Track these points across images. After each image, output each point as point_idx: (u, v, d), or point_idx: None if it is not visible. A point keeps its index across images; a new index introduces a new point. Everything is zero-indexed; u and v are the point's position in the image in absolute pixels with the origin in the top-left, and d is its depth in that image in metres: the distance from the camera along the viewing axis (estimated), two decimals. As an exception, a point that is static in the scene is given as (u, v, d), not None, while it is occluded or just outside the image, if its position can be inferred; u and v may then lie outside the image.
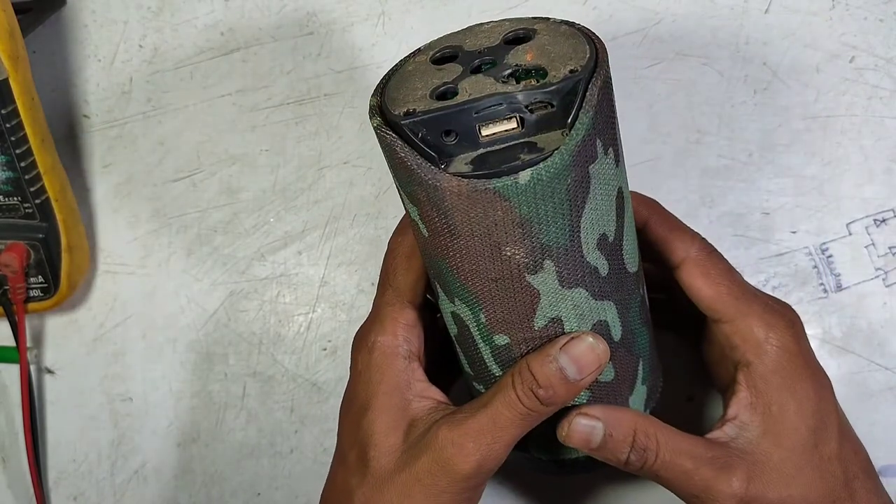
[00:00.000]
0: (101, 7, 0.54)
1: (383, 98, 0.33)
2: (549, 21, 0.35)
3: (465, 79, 0.33)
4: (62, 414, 0.53)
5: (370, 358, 0.37)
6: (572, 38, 0.33)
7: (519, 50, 0.33)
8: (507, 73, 0.32)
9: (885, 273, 0.49)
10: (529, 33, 0.34)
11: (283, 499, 0.52)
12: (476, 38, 0.35)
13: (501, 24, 0.36)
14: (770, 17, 0.50)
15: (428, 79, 0.33)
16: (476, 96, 0.32)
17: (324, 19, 0.53)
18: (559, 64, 0.32)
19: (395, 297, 0.38)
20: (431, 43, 0.36)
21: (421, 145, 0.32)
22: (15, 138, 0.46)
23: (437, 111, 0.31)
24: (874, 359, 0.48)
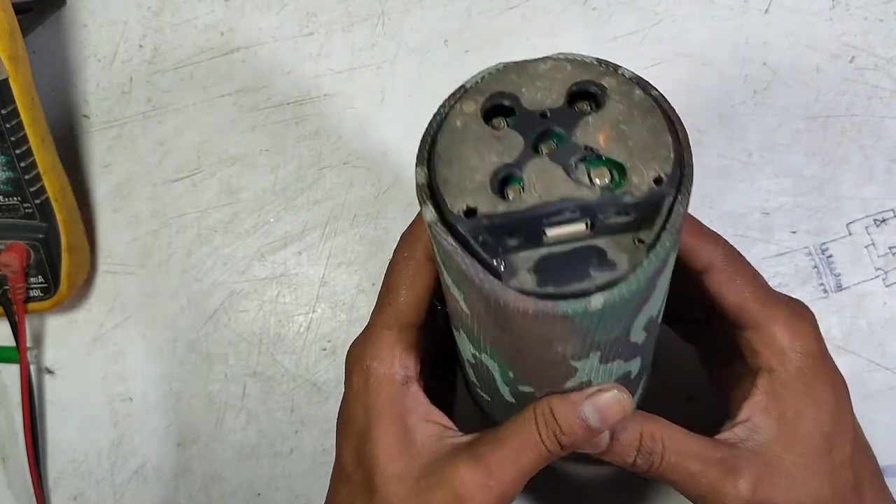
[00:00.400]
0: (101, 7, 0.54)
1: (433, 174, 0.30)
2: (619, 75, 0.31)
3: (528, 160, 0.29)
4: (62, 414, 0.53)
5: (367, 384, 0.36)
6: (649, 114, 0.30)
7: (589, 124, 0.30)
8: (577, 160, 0.29)
9: (885, 273, 0.49)
10: (597, 91, 0.31)
11: (283, 499, 0.52)
12: (533, 84, 0.31)
13: (561, 65, 0.31)
14: (770, 17, 0.50)
15: (484, 152, 0.30)
16: (547, 200, 0.28)
17: (324, 19, 0.53)
18: (640, 162, 0.29)
19: (394, 318, 0.36)
20: (480, 84, 0.32)
21: (481, 253, 0.29)
22: (15, 138, 0.46)
23: (504, 216, 0.28)
24: (874, 359, 0.48)
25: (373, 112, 0.52)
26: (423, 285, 0.36)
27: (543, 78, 0.31)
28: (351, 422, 0.37)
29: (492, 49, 0.52)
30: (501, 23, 0.52)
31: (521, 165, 0.29)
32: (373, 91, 0.52)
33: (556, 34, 0.52)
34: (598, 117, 0.30)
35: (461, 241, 0.29)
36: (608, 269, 0.29)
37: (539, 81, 0.31)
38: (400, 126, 0.52)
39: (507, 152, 0.29)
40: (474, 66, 0.52)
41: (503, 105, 0.31)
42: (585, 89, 0.31)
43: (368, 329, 0.37)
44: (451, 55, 0.52)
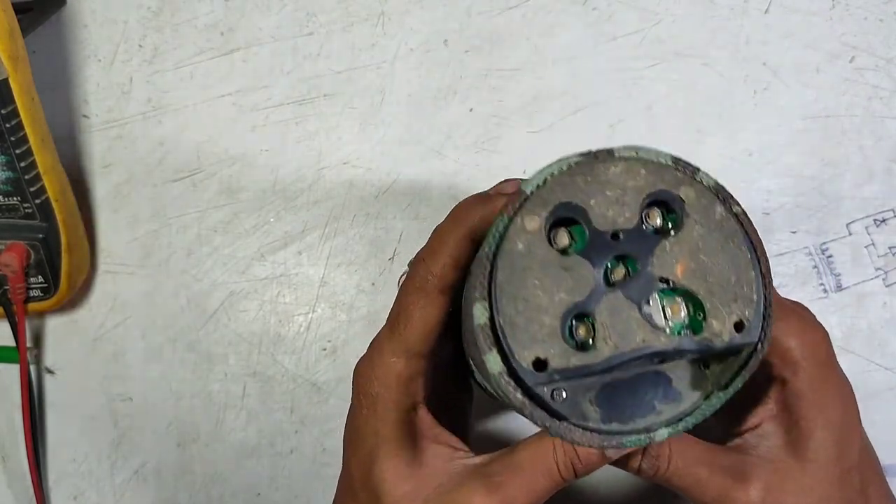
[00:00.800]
0: (101, 7, 0.54)
1: (496, 312, 0.27)
2: (697, 182, 0.28)
3: (601, 298, 0.27)
4: (62, 414, 0.53)
5: (375, 409, 0.36)
6: (731, 240, 0.28)
7: (666, 251, 0.27)
8: (652, 297, 0.27)
9: (885, 273, 0.49)
10: (674, 204, 0.28)
11: (283, 499, 0.52)
12: (603, 193, 0.28)
13: (634, 168, 0.28)
14: (770, 17, 0.50)
15: (552, 287, 0.27)
16: (624, 350, 0.27)
17: (324, 19, 0.53)
18: (720, 303, 0.27)
19: (403, 347, 0.35)
20: (542, 189, 0.28)
21: (551, 405, 0.27)
22: (15, 138, 0.46)
23: (578, 371, 0.26)
24: (874, 359, 0.48)
25: (373, 112, 0.52)
26: (434, 317, 0.35)
27: (614, 186, 0.28)
28: (360, 441, 0.37)
29: (492, 49, 0.52)
30: (501, 23, 0.52)
31: (594, 304, 0.27)
32: (373, 91, 0.52)
33: (556, 34, 0.52)
34: (676, 243, 0.27)
35: (529, 394, 0.27)
36: (674, 401, 0.28)
37: (609, 190, 0.28)
38: (400, 126, 0.52)
39: (577, 288, 0.27)
40: (474, 66, 0.52)
41: (568, 219, 0.28)
42: (661, 199, 0.28)
43: (377, 353, 0.36)
44: (451, 55, 0.52)
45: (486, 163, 0.52)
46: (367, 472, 0.36)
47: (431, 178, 0.52)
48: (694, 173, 0.28)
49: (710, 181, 0.28)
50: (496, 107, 0.52)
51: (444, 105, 0.52)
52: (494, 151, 0.52)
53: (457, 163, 0.52)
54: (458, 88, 0.52)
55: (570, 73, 0.51)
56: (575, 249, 0.28)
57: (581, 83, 0.51)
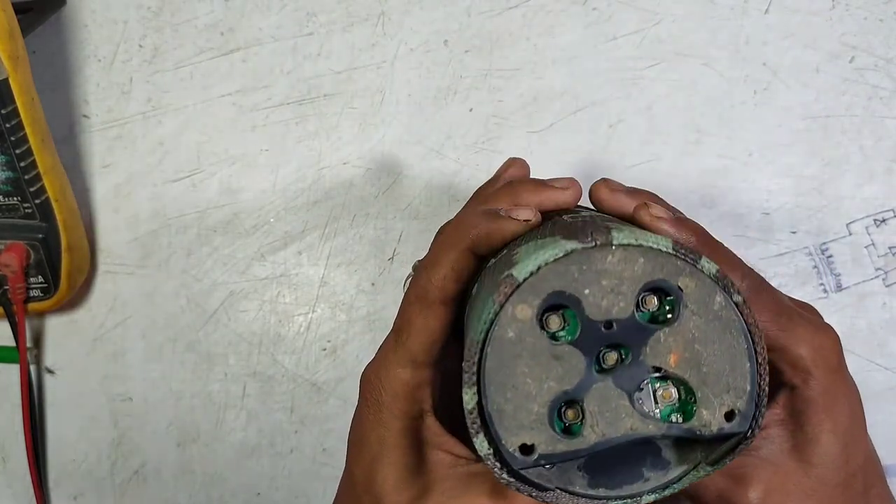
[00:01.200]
0: (101, 7, 0.54)
1: (484, 399, 0.27)
2: (698, 272, 0.27)
3: (591, 386, 0.27)
4: (62, 414, 0.53)
5: (380, 416, 0.36)
6: (728, 331, 0.27)
7: (660, 341, 0.27)
8: (642, 384, 0.27)
9: (885, 273, 0.49)
10: (672, 291, 0.27)
11: (283, 499, 0.52)
12: (598, 283, 0.27)
13: (632, 257, 0.27)
14: (770, 17, 0.50)
15: (541, 375, 0.27)
16: (612, 437, 0.27)
17: (324, 19, 0.53)
18: (711, 394, 0.27)
19: (407, 357, 0.35)
20: (535, 277, 0.27)
21: (538, 483, 0.27)
22: (15, 138, 0.46)
23: (563, 456, 0.27)
24: (874, 359, 0.48)
25: (373, 112, 0.52)
26: (436, 328, 0.35)
27: (610, 275, 0.27)
28: (365, 446, 0.37)
29: (492, 49, 0.52)
30: (501, 23, 0.52)
31: (583, 392, 0.27)
32: (373, 91, 0.52)
33: (556, 34, 0.52)
34: (671, 333, 0.27)
35: (515, 475, 0.27)
36: (661, 469, 0.28)
37: (605, 280, 0.27)
38: (400, 126, 0.52)
39: (566, 377, 0.27)
40: (474, 66, 0.52)
41: (559, 305, 0.27)
42: (659, 286, 0.27)
43: (383, 361, 0.36)
44: (451, 55, 0.52)
45: (486, 163, 0.52)
46: (371, 477, 0.36)
47: (431, 178, 0.52)
48: (695, 261, 0.27)
49: (711, 268, 0.28)
50: (496, 107, 0.52)
51: (444, 105, 0.52)
52: (494, 151, 0.52)
53: (457, 163, 0.52)
54: (458, 88, 0.52)
55: (570, 73, 0.51)
56: (567, 335, 0.27)
57: (581, 83, 0.51)
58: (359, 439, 0.38)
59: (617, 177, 0.51)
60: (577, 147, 0.51)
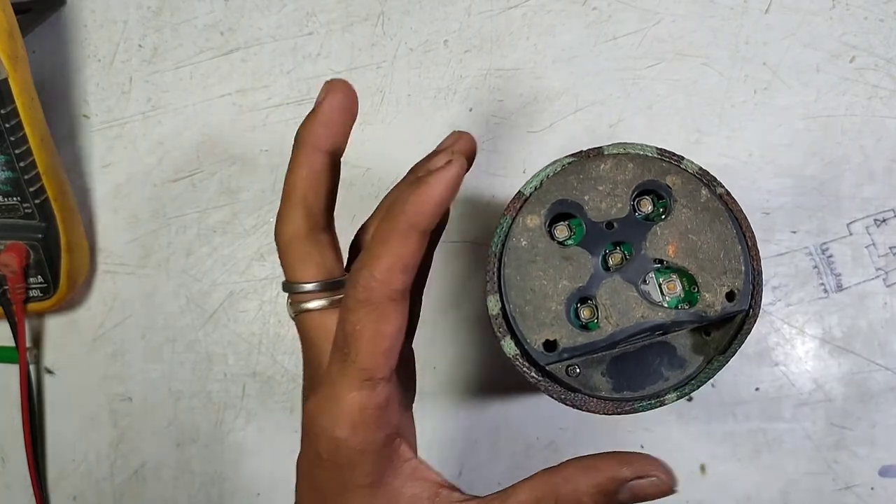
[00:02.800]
0: (100, 7, 0.54)
1: (507, 303, 0.29)
2: (682, 170, 0.30)
3: (601, 282, 0.29)
4: (62, 414, 0.53)
5: (337, 457, 0.30)
6: (717, 219, 0.30)
7: (657, 235, 0.30)
8: (648, 276, 0.29)
9: (886, 273, 0.49)
10: (662, 191, 0.30)
11: (283, 499, 0.52)
12: (595, 189, 0.30)
13: (622, 163, 0.30)
14: (770, 17, 0.50)
15: (555, 275, 0.29)
16: (625, 326, 0.29)
17: (324, 19, 0.53)
18: (711, 277, 0.29)
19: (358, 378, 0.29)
20: (539, 190, 0.30)
21: (565, 380, 0.30)
22: (14, 138, 0.46)
23: (584, 348, 0.29)
24: (875, 359, 0.48)
25: (373, 112, 0.52)
26: (390, 332, 0.29)
27: (605, 181, 0.30)
28: (320, 491, 0.31)
29: (492, 49, 0.52)
30: (501, 22, 0.52)
31: (594, 287, 0.29)
32: (373, 91, 0.52)
33: (556, 34, 0.52)
34: (666, 226, 0.30)
35: (543, 372, 0.29)
36: (679, 367, 0.30)
37: (601, 185, 0.30)
38: (400, 126, 0.52)
39: (578, 274, 0.29)
40: (474, 65, 0.52)
41: (565, 214, 0.30)
42: (649, 189, 0.30)
43: (329, 390, 0.30)
44: (451, 55, 0.52)
45: (486, 163, 0.52)
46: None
47: (431, 178, 0.52)
48: (679, 161, 0.31)
49: (693, 167, 0.31)
50: (496, 107, 0.52)
51: (444, 105, 0.52)
52: (494, 151, 0.51)
53: (457, 163, 0.52)
54: (458, 88, 0.52)
55: (570, 73, 0.51)
56: (574, 241, 0.30)
57: (581, 83, 0.51)
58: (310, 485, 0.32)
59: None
60: (576, 147, 0.51)
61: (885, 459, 0.47)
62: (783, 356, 0.48)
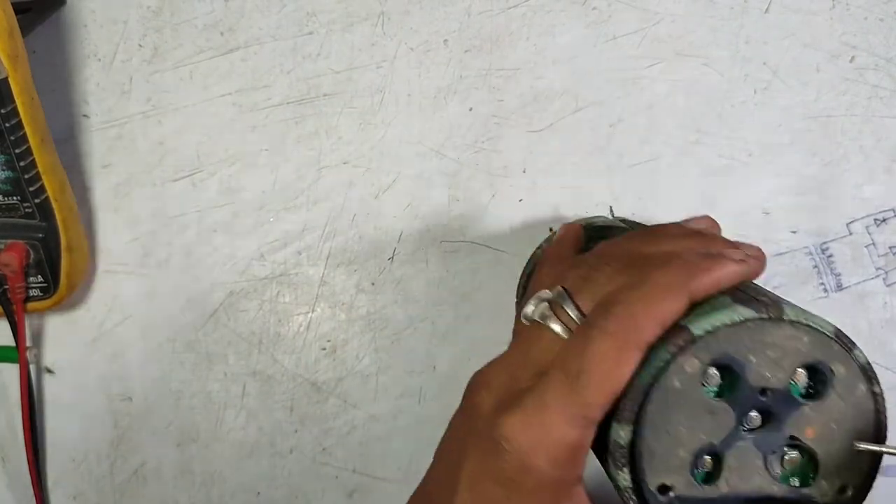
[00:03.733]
0: (100, 7, 0.54)
1: (638, 437, 0.28)
2: (851, 359, 0.30)
3: (734, 443, 0.29)
4: (62, 414, 0.53)
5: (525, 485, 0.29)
6: (863, 420, 0.30)
7: (803, 414, 0.29)
8: (777, 452, 0.29)
9: (886, 273, 0.49)
10: (826, 374, 0.30)
11: (283, 499, 0.52)
12: (763, 353, 0.29)
13: (799, 337, 0.30)
14: (770, 17, 0.50)
15: (694, 425, 0.29)
16: (741, 491, 0.29)
17: (324, 19, 0.53)
18: (833, 468, 0.29)
19: (581, 412, 0.28)
20: (710, 336, 0.29)
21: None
22: (14, 138, 0.46)
23: (696, 500, 0.29)
24: (875, 359, 0.48)
25: (373, 112, 0.52)
26: (626, 379, 0.29)
27: (776, 348, 0.29)
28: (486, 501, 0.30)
29: (492, 49, 0.52)
30: (501, 22, 0.52)
31: (726, 447, 0.29)
32: (373, 91, 0.52)
33: (556, 34, 0.52)
34: (815, 410, 0.29)
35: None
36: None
37: (770, 351, 0.29)
38: (400, 126, 0.52)
39: (716, 431, 0.29)
40: (474, 65, 0.52)
41: (726, 365, 0.29)
42: (816, 367, 0.30)
43: (544, 413, 0.29)
44: (451, 55, 0.52)
45: (486, 163, 0.52)
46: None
47: (431, 178, 0.52)
48: (850, 349, 0.30)
49: (862, 359, 0.30)
50: (496, 107, 0.52)
51: (444, 105, 0.52)
52: (494, 151, 0.51)
53: (457, 163, 0.52)
54: (458, 88, 0.52)
55: (570, 73, 0.51)
56: (724, 393, 0.29)
57: (581, 83, 0.51)
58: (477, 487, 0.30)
59: (617, 177, 0.51)
60: (577, 147, 0.51)
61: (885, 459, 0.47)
62: (783, 356, 0.48)
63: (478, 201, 0.52)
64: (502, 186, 0.51)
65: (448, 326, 0.51)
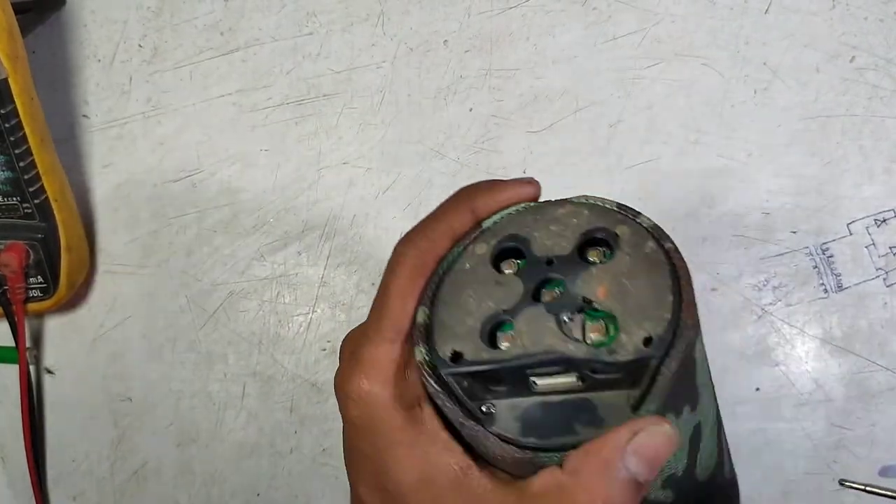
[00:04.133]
0: (100, 7, 0.54)
1: (433, 312, 0.30)
2: (635, 223, 0.30)
3: (523, 309, 0.29)
4: (62, 414, 0.53)
5: (368, 414, 0.30)
6: (656, 269, 0.29)
7: (593, 275, 0.29)
8: (574, 312, 0.29)
9: (886, 273, 0.49)
10: (610, 238, 0.30)
11: (283, 499, 0.52)
12: (547, 228, 0.30)
13: (579, 210, 0.31)
14: (770, 17, 0.50)
15: (483, 297, 0.29)
16: (532, 351, 0.28)
17: (324, 19, 0.53)
18: (632, 321, 0.28)
19: (392, 329, 0.30)
20: (497, 224, 0.31)
21: (462, 396, 0.29)
22: (14, 138, 0.46)
23: (486, 364, 0.28)
24: (875, 359, 0.48)
25: (373, 112, 0.52)
26: (420, 284, 0.31)
27: (558, 222, 0.30)
28: (362, 461, 0.32)
29: (492, 49, 0.52)
30: (501, 22, 0.52)
31: (516, 313, 0.29)
32: (372, 91, 0.52)
33: (556, 34, 0.52)
34: (603, 269, 0.29)
35: (444, 385, 0.29)
36: (595, 425, 0.28)
37: (553, 226, 0.30)
38: (400, 126, 0.52)
39: (505, 299, 0.29)
40: (474, 65, 0.52)
41: (512, 249, 0.30)
42: (597, 237, 0.30)
43: (359, 349, 0.31)
44: (451, 55, 0.52)
45: (486, 163, 0.52)
46: (381, 491, 0.31)
47: (431, 178, 0.52)
48: (635, 216, 0.30)
49: (648, 223, 0.30)
50: (496, 107, 0.52)
51: (444, 105, 0.52)
52: (494, 151, 0.52)
53: (457, 163, 0.52)
54: (458, 88, 0.52)
55: (570, 73, 0.51)
56: (513, 273, 0.30)
57: (581, 83, 0.51)
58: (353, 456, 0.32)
59: (617, 177, 0.51)
60: (577, 147, 0.51)
61: (884, 459, 0.47)
62: (783, 356, 0.48)
63: (478, 201, 0.52)
64: (502, 186, 0.51)
65: (448, 326, 0.51)
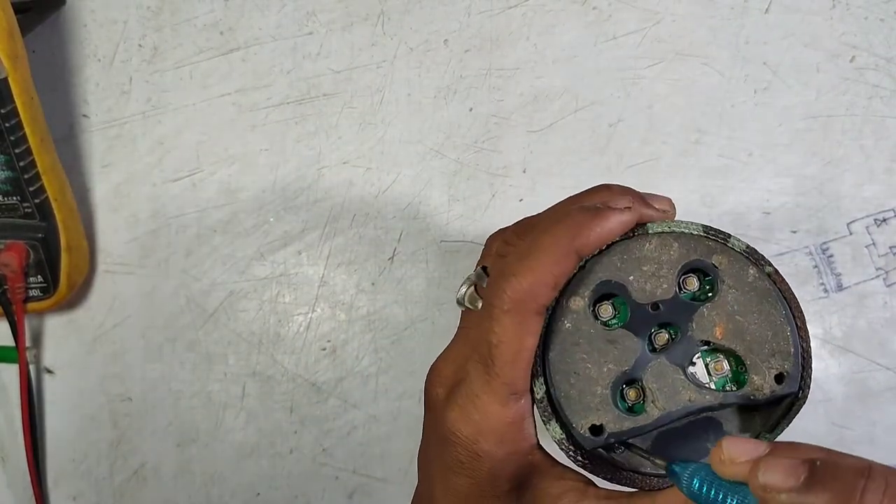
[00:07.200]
0: (100, 7, 0.54)
1: (551, 388, 0.29)
2: (729, 249, 0.30)
3: (646, 365, 0.29)
4: (62, 414, 0.53)
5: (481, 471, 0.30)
6: (765, 300, 0.29)
7: (704, 316, 0.29)
8: (695, 357, 0.29)
9: (886, 273, 0.49)
10: (708, 270, 0.30)
11: (283, 499, 0.52)
12: (639, 269, 0.30)
13: (668, 243, 0.30)
14: (770, 17, 0.50)
15: (598, 358, 0.29)
16: (673, 410, 0.29)
17: (324, 19, 0.53)
18: (758, 359, 0.29)
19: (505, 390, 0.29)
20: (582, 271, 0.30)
21: (612, 461, 0.29)
22: (14, 138, 0.46)
23: (631, 434, 0.29)
24: (875, 358, 0.48)
25: (372, 112, 0.52)
26: (534, 345, 0.30)
27: (650, 261, 0.30)
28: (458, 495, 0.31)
29: (492, 49, 0.52)
30: (501, 22, 0.52)
31: (640, 371, 0.29)
32: (372, 91, 0.52)
33: (556, 34, 0.52)
34: (713, 307, 0.29)
35: (589, 456, 0.29)
36: None
37: (645, 266, 0.30)
38: (400, 126, 0.52)
39: (623, 358, 0.29)
40: (474, 65, 0.52)
41: (608, 294, 0.30)
42: (695, 267, 0.30)
43: (473, 401, 0.30)
44: (451, 55, 0.52)
45: (486, 163, 0.52)
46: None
47: (431, 178, 0.52)
48: (725, 240, 0.30)
49: (741, 246, 0.30)
50: (496, 107, 0.52)
51: (444, 105, 0.52)
52: (494, 151, 0.51)
53: (457, 162, 0.52)
54: (458, 88, 0.52)
55: (570, 73, 0.51)
56: (619, 321, 0.30)
57: (581, 83, 0.51)
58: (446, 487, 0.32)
59: (617, 177, 0.51)
60: (577, 147, 0.51)
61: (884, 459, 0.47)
62: (783, 356, 0.48)
63: (478, 201, 0.52)
64: (502, 186, 0.51)
65: (448, 326, 0.51)
